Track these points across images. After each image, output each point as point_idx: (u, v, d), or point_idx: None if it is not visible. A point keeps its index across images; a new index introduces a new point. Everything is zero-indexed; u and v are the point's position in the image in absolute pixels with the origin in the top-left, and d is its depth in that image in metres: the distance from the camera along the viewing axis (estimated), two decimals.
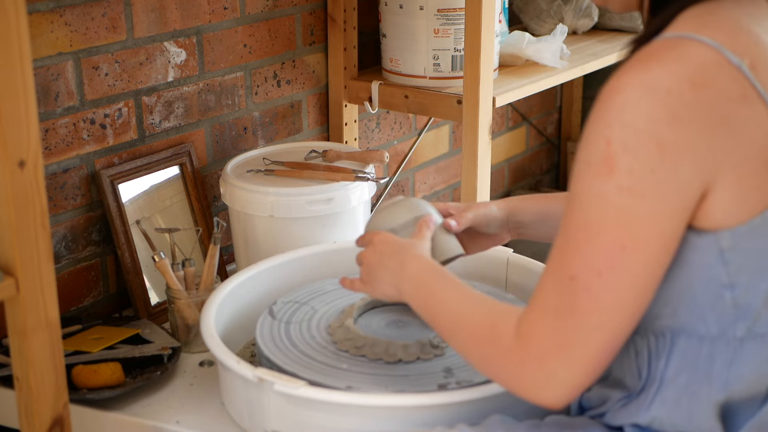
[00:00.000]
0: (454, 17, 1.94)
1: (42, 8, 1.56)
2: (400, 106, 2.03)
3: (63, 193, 1.65)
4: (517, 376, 1.04)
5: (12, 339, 1.13)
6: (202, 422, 1.38)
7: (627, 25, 2.52)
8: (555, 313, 1.00)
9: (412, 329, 1.42)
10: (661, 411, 1.07)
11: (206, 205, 1.83)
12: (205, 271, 1.60)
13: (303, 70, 2.06)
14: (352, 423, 1.24)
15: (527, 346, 1.02)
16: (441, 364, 1.33)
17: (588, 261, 0.98)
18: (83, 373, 1.43)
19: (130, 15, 1.69)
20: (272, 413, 1.27)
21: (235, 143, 1.94)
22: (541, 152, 2.95)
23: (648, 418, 1.07)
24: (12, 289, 1.09)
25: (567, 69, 2.15)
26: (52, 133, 1.62)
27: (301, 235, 1.72)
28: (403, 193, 2.41)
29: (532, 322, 1.02)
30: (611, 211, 0.97)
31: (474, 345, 1.10)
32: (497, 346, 1.06)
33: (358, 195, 1.76)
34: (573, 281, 0.99)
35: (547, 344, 1.01)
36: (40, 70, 1.58)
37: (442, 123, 2.47)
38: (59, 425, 1.16)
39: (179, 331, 1.58)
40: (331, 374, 1.30)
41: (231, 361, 1.30)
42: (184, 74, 1.81)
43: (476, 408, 1.23)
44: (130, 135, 1.74)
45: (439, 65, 1.98)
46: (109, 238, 1.72)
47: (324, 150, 1.87)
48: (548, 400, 1.03)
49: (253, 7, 1.91)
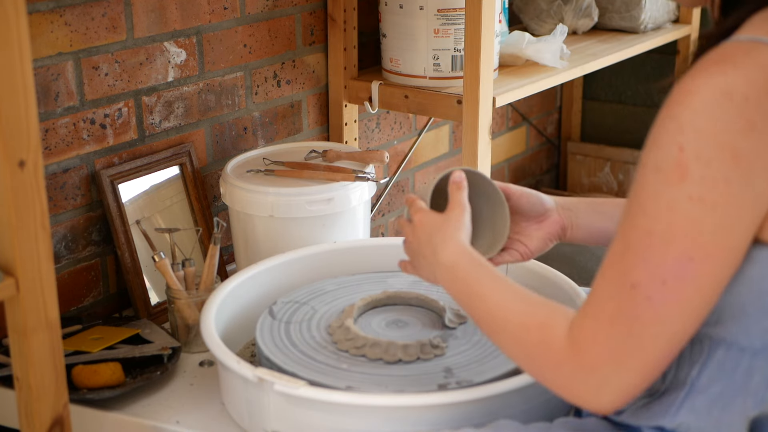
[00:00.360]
0: (454, 17, 1.94)
1: (42, 8, 1.56)
2: (400, 106, 2.03)
3: (63, 193, 1.65)
4: (568, 382, 1.02)
5: (12, 339, 1.13)
6: (202, 422, 1.38)
7: (627, 25, 2.52)
8: (611, 321, 0.98)
9: (412, 329, 1.43)
10: (689, 417, 1.04)
11: (206, 205, 1.83)
12: (205, 271, 1.60)
13: (303, 70, 2.06)
14: (352, 423, 1.24)
15: (581, 353, 1.00)
16: (441, 364, 1.33)
17: (652, 270, 0.95)
18: (83, 373, 1.43)
19: (130, 15, 1.69)
20: (272, 413, 1.27)
21: (235, 143, 1.94)
22: (541, 152, 2.95)
23: (675, 422, 1.05)
24: (12, 289, 1.09)
25: (567, 69, 2.15)
26: (52, 133, 1.62)
27: (301, 235, 1.72)
28: (403, 193, 2.41)
29: (586, 329, 1.00)
30: (680, 221, 0.94)
31: (520, 346, 1.07)
32: (547, 351, 1.03)
33: (358, 195, 1.76)
34: (634, 290, 0.96)
35: (602, 352, 0.98)
36: (40, 70, 1.58)
37: (442, 123, 2.47)
38: (59, 425, 1.16)
39: (179, 331, 1.58)
40: (331, 374, 1.30)
41: (231, 361, 1.30)
42: (184, 74, 1.81)
43: (476, 408, 1.23)
44: (130, 135, 1.74)
45: (439, 65, 1.98)
46: (109, 238, 1.72)
47: (324, 150, 1.87)
48: (599, 406, 1.01)
49: (253, 7, 1.91)
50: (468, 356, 1.35)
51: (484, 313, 1.12)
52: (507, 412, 1.23)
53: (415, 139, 2.39)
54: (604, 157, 2.93)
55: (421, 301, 1.48)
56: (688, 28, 2.65)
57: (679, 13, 2.67)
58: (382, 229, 2.38)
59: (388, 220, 2.39)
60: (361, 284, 1.56)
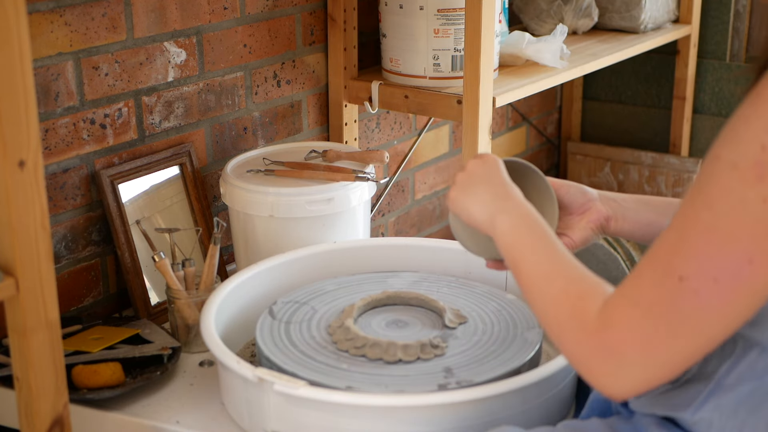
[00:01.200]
0: (454, 17, 1.94)
1: (42, 8, 1.56)
2: (400, 106, 2.03)
3: (63, 193, 1.65)
4: (587, 357, 0.99)
5: (12, 339, 1.13)
6: (202, 422, 1.38)
7: (627, 25, 2.52)
8: (648, 308, 0.95)
9: (412, 329, 1.43)
10: (713, 415, 1.03)
11: (206, 205, 1.83)
12: (205, 271, 1.60)
13: (303, 70, 2.06)
14: (352, 423, 1.24)
15: (608, 331, 0.96)
16: (441, 364, 1.33)
17: (707, 266, 0.92)
18: (83, 373, 1.43)
19: (130, 15, 1.69)
20: (272, 413, 1.27)
21: (235, 143, 1.94)
22: (541, 152, 2.95)
23: (696, 417, 1.04)
24: (12, 289, 1.09)
25: (567, 69, 2.15)
26: (52, 133, 1.62)
27: (301, 235, 1.72)
28: (403, 193, 2.41)
29: (620, 309, 0.97)
30: (749, 221, 0.90)
31: (554, 310, 1.03)
32: (577, 321, 1.00)
33: (358, 195, 1.76)
34: (682, 282, 0.93)
35: (631, 336, 0.95)
36: (40, 70, 1.58)
37: (442, 123, 2.47)
38: (59, 425, 1.16)
39: (179, 331, 1.58)
40: (331, 374, 1.30)
41: (231, 361, 1.30)
42: (184, 74, 1.81)
43: (476, 408, 1.23)
44: (130, 135, 1.74)
45: (439, 65, 1.98)
46: (109, 238, 1.73)
47: (324, 150, 1.87)
48: (612, 390, 0.98)
49: (253, 7, 1.91)
50: (468, 356, 1.35)
51: (530, 269, 1.09)
52: (507, 412, 1.23)
53: (415, 139, 2.39)
54: (604, 157, 2.93)
55: (421, 301, 1.48)
56: (688, 28, 2.65)
57: (679, 13, 2.67)
58: (382, 229, 2.38)
59: (388, 220, 2.39)
60: (361, 284, 1.56)
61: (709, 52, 2.76)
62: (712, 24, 2.74)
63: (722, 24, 2.73)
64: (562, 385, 1.31)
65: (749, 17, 2.71)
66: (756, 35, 2.72)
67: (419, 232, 2.50)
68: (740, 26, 2.72)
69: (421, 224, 2.51)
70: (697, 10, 2.68)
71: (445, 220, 2.57)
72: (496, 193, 1.18)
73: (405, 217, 2.44)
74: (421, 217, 2.50)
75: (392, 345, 1.34)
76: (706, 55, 2.77)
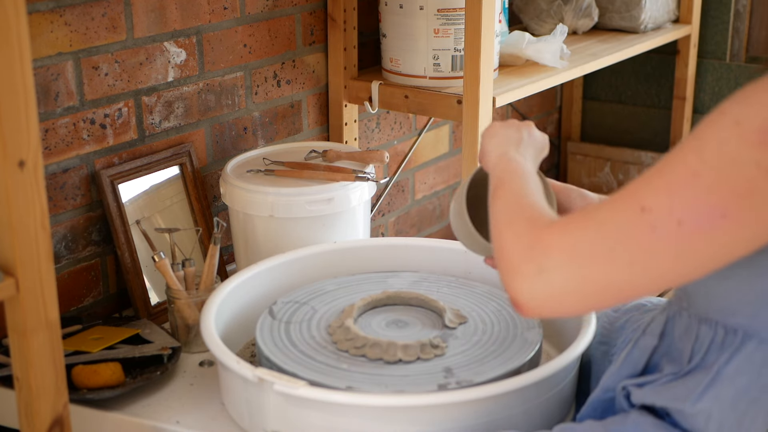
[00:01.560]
0: (454, 17, 1.94)
1: (42, 8, 1.56)
2: (400, 106, 2.03)
3: (63, 193, 1.65)
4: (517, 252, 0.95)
5: (12, 339, 1.13)
6: (202, 422, 1.38)
7: (627, 25, 2.52)
8: (599, 224, 0.92)
9: (412, 329, 1.43)
10: (713, 406, 1.02)
11: (206, 205, 1.83)
12: (205, 271, 1.60)
13: (303, 70, 2.06)
14: (352, 423, 1.24)
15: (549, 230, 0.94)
16: (441, 364, 1.33)
17: (676, 206, 0.89)
18: (83, 373, 1.43)
19: (130, 15, 1.69)
20: (272, 413, 1.27)
21: (235, 143, 1.94)
22: None
23: (696, 408, 1.03)
24: (12, 289, 1.09)
25: (567, 69, 2.15)
26: (52, 133, 1.62)
27: (301, 235, 1.72)
28: (403, 193, 2.41)
29: (572, 219, 0.94)
30: (735, 178, 0.88)
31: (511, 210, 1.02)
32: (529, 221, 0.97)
33: (358, 195, 1.76)
34: (643, 213, 0.90)
35: (566, 240, 0.93)
36: (40, 70, 1.58)
37: (442, 123, 2.47)
38: (59, 425, 1.16)
39: (179, 331, 1.58)
40: (331, 374, 1.30)
41: (231, 361, 1.30)
42: (184, 74, 1.81)
43: (476, 408, 1.23)
44: (130, 135, 1.74)
45: (439, 65, 1.98)
46: (109, 238, 1.72)
47: (324, 150, 1.87)
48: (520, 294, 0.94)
49: (253, 7, 1.91)
50: (468, 356, 1.35)
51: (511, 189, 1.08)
52: (507, 412, 1.23)
53: (415, 139, 2.39)
54: (604, 157, 2.93)
55: (421, 301, 1.48)
56: (688, 28, 2.65)
57: (679, 13, 2.67)
58: (382, 229, 2.38)
59: (388, 220, 2.39)
60: (361, 284, 1.56)
61: (709, 52, 2.76)
62: (712, 24, 2.74)
63: (722, 24, 2.73)
64: (562, 385, 1.31)
65: (749, 17, 2.71)
66: (756, 35, 2.72)
67: (419, 232, 2.50)
68: (740, 26, 2.72)
69: (421, 224, 2.51)
70: (697, 10, 2.68)
71: (445, 220, 2.57)
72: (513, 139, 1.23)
73: (405, 217, 2.44)
74: (421, 217, 2.50)
75: (392, 345, 1.34)
76: (706, 55, 2.77)
